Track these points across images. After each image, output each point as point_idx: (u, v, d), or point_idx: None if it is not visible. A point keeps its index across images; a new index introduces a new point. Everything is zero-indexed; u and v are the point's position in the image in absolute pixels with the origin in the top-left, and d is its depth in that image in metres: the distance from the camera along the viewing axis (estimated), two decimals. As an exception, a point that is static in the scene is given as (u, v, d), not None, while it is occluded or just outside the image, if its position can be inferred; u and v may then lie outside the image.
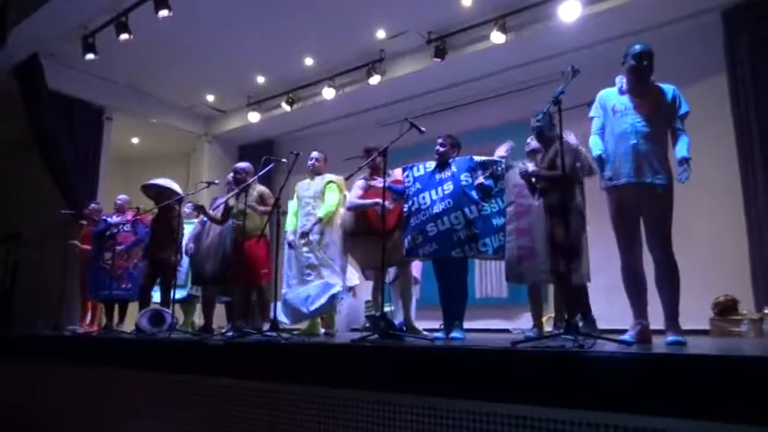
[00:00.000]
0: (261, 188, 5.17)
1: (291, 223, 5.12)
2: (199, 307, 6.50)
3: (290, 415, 3.15)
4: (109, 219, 6.45)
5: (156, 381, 4.06)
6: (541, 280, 4.41)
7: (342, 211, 4.90)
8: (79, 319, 7.02)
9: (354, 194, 4.75)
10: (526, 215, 4.43)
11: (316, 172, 5.10)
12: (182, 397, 3.84)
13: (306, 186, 5.09)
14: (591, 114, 3.51)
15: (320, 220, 4.79)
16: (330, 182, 4.97)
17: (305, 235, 4.79)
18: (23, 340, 5.86)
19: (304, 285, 4.79)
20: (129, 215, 6.43)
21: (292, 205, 5.22)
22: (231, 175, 5.53)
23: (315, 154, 5.18)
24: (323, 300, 4.71)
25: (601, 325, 4.02)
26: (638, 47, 3.29)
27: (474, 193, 4.07)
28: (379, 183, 4.36)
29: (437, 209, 4.07)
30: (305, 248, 4.83)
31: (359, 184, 4.72)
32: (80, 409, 4.68)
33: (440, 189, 4.14)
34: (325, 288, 4.73)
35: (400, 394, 2.68)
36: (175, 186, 6.13)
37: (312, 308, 4.73)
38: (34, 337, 5.90)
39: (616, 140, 3.27)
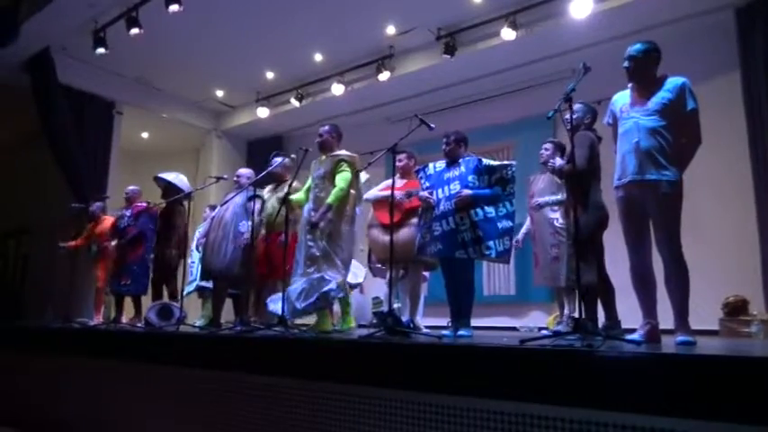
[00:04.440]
0: (295, 183, 4.99)
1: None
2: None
3: (296, 410, 3.15)
4: (126, 212, 6.47)
5: (162, 374, 4.08)
6: (548, 284, 4.46)
7: (353, 192, 4.50)
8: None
9: (377, 188, 4.81)
10: (533, 222, 4.48)
11: (325, 148, 4.61)
12: (188, 390, 3.86)
13: (317, 166, 4.62)
14: (604, 121, 3.50)
15: (329, 207, 4.31)
16: (341, 161, 4.46)
17: (314, 225, 4.35)
18: (31, 332, 5.92)
19: (305, 278, 4.34)
20: (135, 208, 6.38)
21: (307, 183, 4.75)
22: (240, 171, 5.63)
23: (324, 127, 4.67)
24: (312, 297, 4.25)
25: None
26: (630, 47, 3.30)
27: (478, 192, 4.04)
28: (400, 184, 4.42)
29: (443, 207, 4.06)
30: (308, 236, 4.38)
31: (386, 182, 4.60)
32: (86, 402, 4.72)
33: (447, 188, 4.11)
34: (318, 284, 4.26)
35: (407, 391, 2.68)
36: (182, 182, 6.14)
37: (302, 305, 4.28)
38: (44, 329, 5.95)
39: (622, 140, 3.26)
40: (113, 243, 6.65)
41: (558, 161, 3.75)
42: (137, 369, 4.32)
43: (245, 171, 5.65)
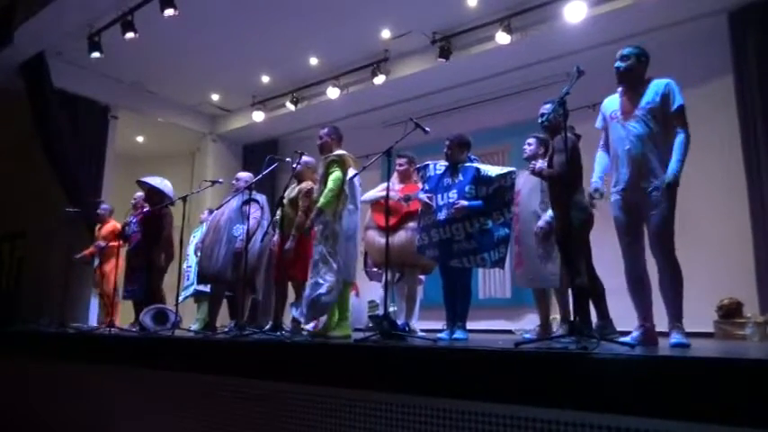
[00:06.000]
0: (303, 184, 4.90)
1: None
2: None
3: (292, 414, 3.15)
4: (131, 219, 6.48)
5: (158, 379, 4.07)
6: (533, 286, 4.46)
7: (347, 190, 4.30)
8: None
9: (376, 190, 4.82)
10: (517, 222, 4.47)
11: (324, 150, 4.53)
12: (183, 395, 3.85)
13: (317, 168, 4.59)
14: (596, 126, 3.51)
15: (320, 211, 4.20)
16: (332, 161, 4.33)
17: (308, 230, 4.35)
18: (26, 337, 5.89)
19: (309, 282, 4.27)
20: (139, 215, 6.39)
21: None
22: (240, 175, 5.62)
23: (323, 130, 4.61)
24: (308, 305, 4.19)
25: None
26: (622, 50, 3.33)
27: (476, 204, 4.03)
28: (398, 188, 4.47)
29: (441, 216, 4.06)
30: (314, 241, 4.32)
31: (383, 185, 4.51)
32: (81, 407, 4.69)
33: (445, 195, 4.12)
34: (313, 289, 4.15)
35: (402, 395, 2.68)
36: (167, 187, 6.12)
37: (303, 311, 4.28)
38: (37, 334, 5.93)
39: (614, 147, 3.28)
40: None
41: (539, 164, 3.76)
42: (132, 373, 4.30)
43: (243, 175, 5.60)
